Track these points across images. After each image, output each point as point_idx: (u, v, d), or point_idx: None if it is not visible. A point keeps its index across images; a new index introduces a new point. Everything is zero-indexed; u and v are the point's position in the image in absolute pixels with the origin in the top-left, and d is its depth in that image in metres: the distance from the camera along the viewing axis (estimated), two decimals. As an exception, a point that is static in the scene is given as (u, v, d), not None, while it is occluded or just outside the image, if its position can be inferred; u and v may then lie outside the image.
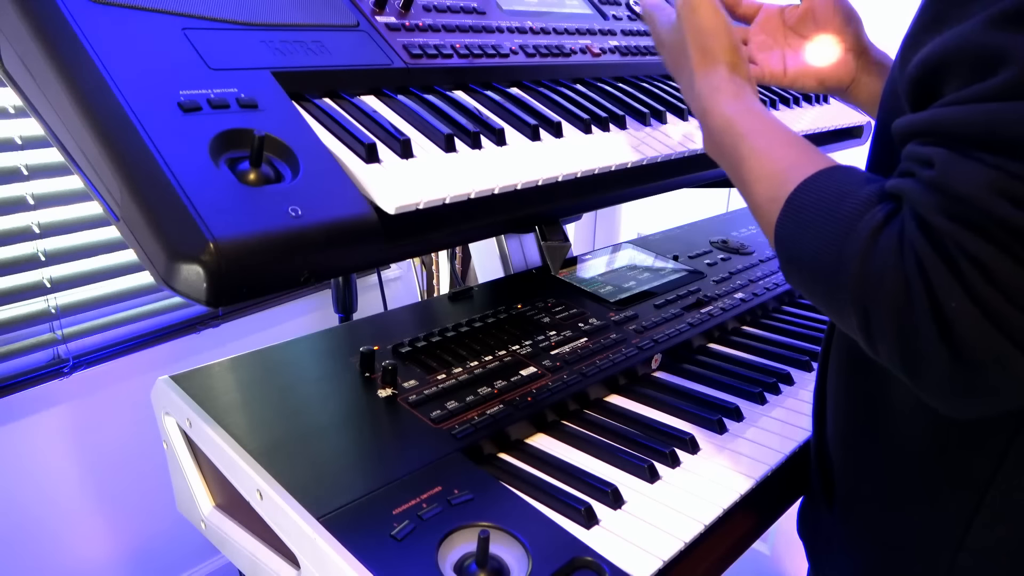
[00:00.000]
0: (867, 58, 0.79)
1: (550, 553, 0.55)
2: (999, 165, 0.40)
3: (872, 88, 0.79)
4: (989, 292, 0.40)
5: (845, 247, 0.47)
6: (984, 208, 0.40)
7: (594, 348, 0.83)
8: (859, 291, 0.46)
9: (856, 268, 0.46)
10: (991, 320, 0.41)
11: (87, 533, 1.50)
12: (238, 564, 0.67)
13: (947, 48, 0.44)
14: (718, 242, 1.22)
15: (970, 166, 0.41)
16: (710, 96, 0.63)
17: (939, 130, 0.44)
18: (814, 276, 0.50)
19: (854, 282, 0.46)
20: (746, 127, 0.59)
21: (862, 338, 0.48)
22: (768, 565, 1.85)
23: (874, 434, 0.62)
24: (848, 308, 0.47)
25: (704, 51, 0.64)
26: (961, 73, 0.43)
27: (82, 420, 1.45)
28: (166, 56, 0.55)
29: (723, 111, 0.61)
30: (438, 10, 0.78)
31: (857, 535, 0.65)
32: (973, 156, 0.42)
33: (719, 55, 0.64)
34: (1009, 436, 0.53)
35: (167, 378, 0.68)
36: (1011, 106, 0.40)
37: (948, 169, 0.42)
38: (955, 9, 0.44)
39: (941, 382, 0.44)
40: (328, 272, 0.53)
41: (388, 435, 0.65)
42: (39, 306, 1.34)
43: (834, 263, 0.47)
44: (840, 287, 0.47)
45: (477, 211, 0.63)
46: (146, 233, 0.47)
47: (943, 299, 0.42)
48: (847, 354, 0.64)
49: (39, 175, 1.30)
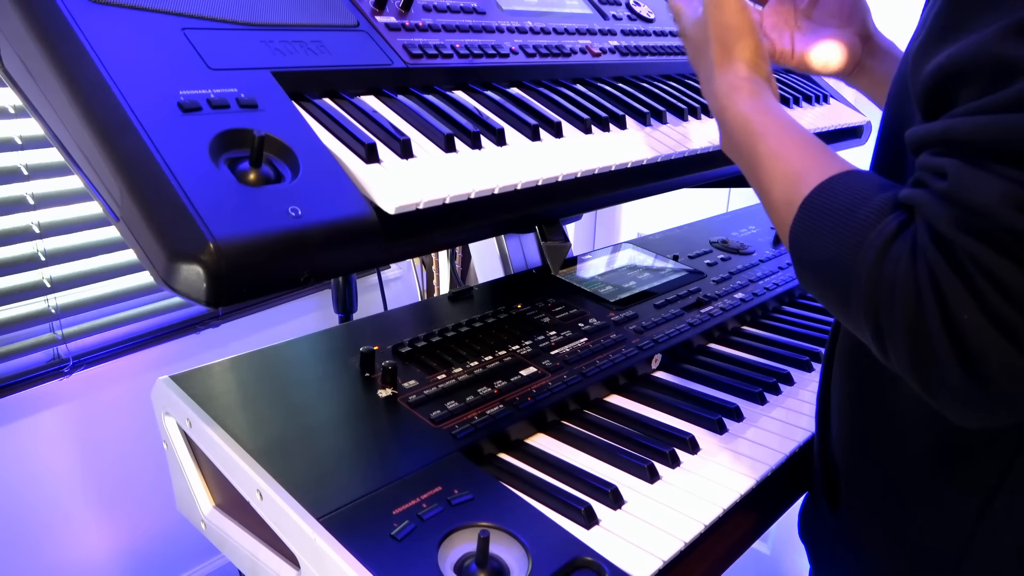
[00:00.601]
0: (872, 44, 0.79)
1: (550, 553, 0.55)
2: (1014, 177, 0.40)
3: (876, 73, 0.80)
4: (1002, 305, 0.40)
5: (857, 256, 0.46)
6: (998, 220, 0.40)
7: (594, 348, 0.83)
8: (871, 301, 0.45)
9: (868, 278, 0.45)
10: (1004, 333, 0.40)
11: (87, 533, 1.50)
12: (238, 564, 0.67)
13: (963, 57, 0.43)
14: (718, 242, 1.22)
15: (984, 177, 0.41)
16: (728, 94, 0.62)
17: (953, 140, 0.43)
18: (826, 283, 0.50)
19: (866, 292, 0.46)
20: (763, 127, 0.59)
21: (875, 347, 0.47)
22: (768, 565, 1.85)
23: (880, 437, 0.61)
24: (860, 318, 0.47)
25: (725, 48, 0.64)
26: (976, 83, 0.43)
27: (82, 420, 1.45)
28: (166, 56, 0.55)
29: (740, 109, 0.61)
30: (438, 10, 0.78)
31: (861, 538, 0.65)
32: (987, 167, 0.41)
33: (740, 53, 0.63)
34: (1017, 442, 0.53)
35: (167, 378, 0.68)
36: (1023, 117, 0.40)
37: (961, 180, 0.42)
38: (971, 18, 0.44)
39: (954, 394, 0.44)
40: (328, 272, 0.53)
41: (388, 435, 0.65)
42: (39, 306, 1.34)
43: (846, 272, 0.47)
44: (852, 296, 0.47)
45: (477, 211, 0.63)
46: (146, 233, 0.47)
47: (956, 311, 0.41)
48: (852, 356, 0.64)
49: (39, 175, 1.30)
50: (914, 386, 0.46)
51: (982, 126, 0.42)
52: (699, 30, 0.67)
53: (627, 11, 1.02)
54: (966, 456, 0.55)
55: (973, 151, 0.42)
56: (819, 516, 0.72)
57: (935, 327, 0.42)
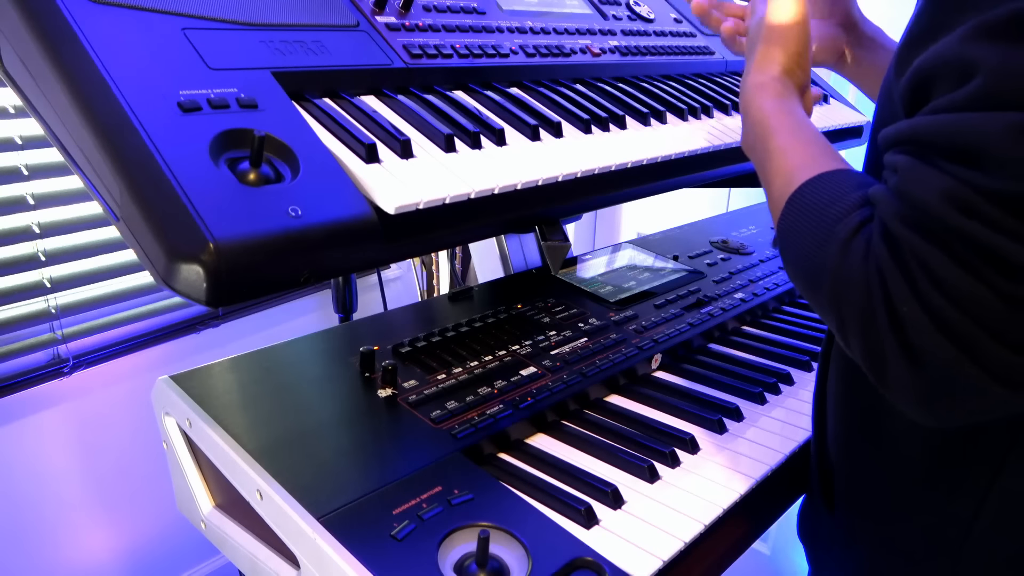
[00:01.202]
0: (857, 32, 0.79)
1: (550, 553, 0.55)
2: (955, 173, 0.41)
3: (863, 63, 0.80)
4: (937, 298, 0.41)
5: (824, 250, 0.48)
6: (935, 215, 0.41)
7: (594, 348, 0.83)
8: (833, 294, 0.47)
9: (831, 271, 0.47)
10: (939, 327, 0.41)
11: (87, 533, 1.50)
12: (238, 564, 0.67)
13: (935, 59, 0.44)
14: (718, 242, 1.22)
15: (928, 173, 0.42)
16: (755, 90, 0.63)
17: (911, 139, 0.45)
18: (802, 277, 0.51)
19: (829, 285, 0.47)
20: (777, 124, 0.60)
21: (839, 338, 0.48)
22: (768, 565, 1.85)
23: (875, 439, 0.62)
24: (827, 310, 0.48)
25: (769, 48, 0.65)
26: (943, 84, 0.44)
27: (82, 420, 1.45)
28: (166, 56, 0.55)
29: (761, 105, 0.62)
30: (438, 10, 0.78)
31: (857, 539, 0.65)
32: (934, 164, 0.42)
33: (779, 57, 0.64)
34: (1008, 445, 0.53)
35: (167, 378, 0.68)
36: (974, 116, 0.41)
37: (908, 176, 0.43)
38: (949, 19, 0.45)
39: (904, 387, 0.44)
40: (328, 272, 0.53)
41: (388, 435, 0.65)
42: (39, 306, 1.34)
43: (816, 266, 0.48)
44: (819, 289, 0.48)
45: (477, 211, 0.63)
46: (146, 233, 0.47)
47: (897, 304, 0.42)
48: (847, 359, 0.64)
49: (39, 175, 1.30)
50: (871, 379, 0.47)
51: (935, 124, 0.43)
52: (756, 28, 0.67)
53: (627, 11, 1.02)
54: (957, 459, 0.56)
55: (925, 148, 0.43)
56: (816, 517, 0.72)
57: (881, 320, 0.43)
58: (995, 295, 0.40)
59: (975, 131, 0.40)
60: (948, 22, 0.44)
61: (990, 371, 0.41)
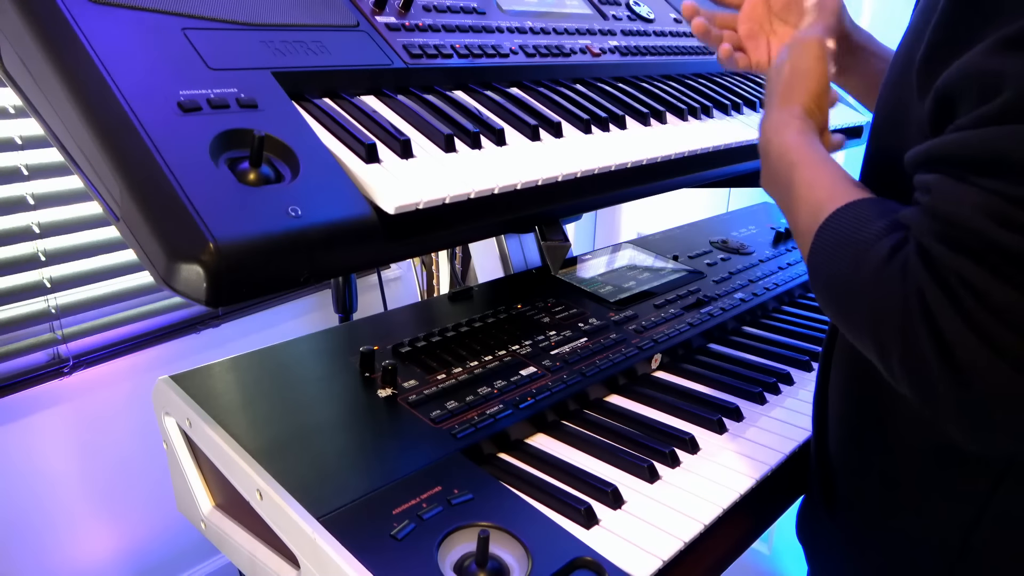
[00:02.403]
0: (850, 42, 0.79)
1: (550, 553, 0.55)
2: (991, 187, 0.40)
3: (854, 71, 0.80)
4: (984, 316, 0.40)
5: (858, 275, 0.47)
6: (975, 231, 0.40)
7: (594, 348, 0.83)
8: (871, 320, 0.46)
9: (868, 297, 0.46)
10: (988, 344, 0.40)
11: (87, 533, 1.50)
12: (238, 564, 0.67)
13: (958, 76, 0.44)
14: (718, 242, 1.22)
15: (962, 190, 0.42)
16: (777, 128, 0.63)
17: (939, 157, 0.44)
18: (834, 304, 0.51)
19: (866, 311, 0.46)
20: (800, 157, 0.60)
21: (882, 368, 0.47)
22: (768, 565, 1.85)
23: (876, 441, 0.62)
24: (866, 338, 0.47)
25: (790, 88, 0.65)
26: (968, 100, 0.43)
27: (82, 420, 1.45)
28: (166, 56, 0.55)
29: (783, 140, 0.62)
30: (438, 10, 0.78)
31: (856, 540, 0.65)
32: (967, 180, 0.42)
33: (801, 96, 0.64)
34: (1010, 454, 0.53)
35: (167, 378, 0.68)
36: (1006, 129, 0.40)
37: (942, 194, 0.43)
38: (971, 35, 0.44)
39: (953, 411, 0.44)
40: (328, 272, 0.53)
41: (388, 435, 0.65)
42: (39, 306, 1.34)
43: (851, 293, 0.48)
44: (856, 317, 0.47)
45: (477, 211, 0.63)
46: (146, 233, 0.47)
47: (942, 325, 0.41)
48: (849, 360, 0.64)
49: (39, 175, 1.30)
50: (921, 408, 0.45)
51: (964, 140, 0.42)
52: (777, 69, 0.68)
53: (627, 11, 1.02)
54: (958, 463, 0.56)
55: (956, 165, 0.43)
56: (816, 518, 0.72)
57: (925, 342, 0.42)
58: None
59: (1007, 143, 0.40)
60: (970, 38, 0.44)
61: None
